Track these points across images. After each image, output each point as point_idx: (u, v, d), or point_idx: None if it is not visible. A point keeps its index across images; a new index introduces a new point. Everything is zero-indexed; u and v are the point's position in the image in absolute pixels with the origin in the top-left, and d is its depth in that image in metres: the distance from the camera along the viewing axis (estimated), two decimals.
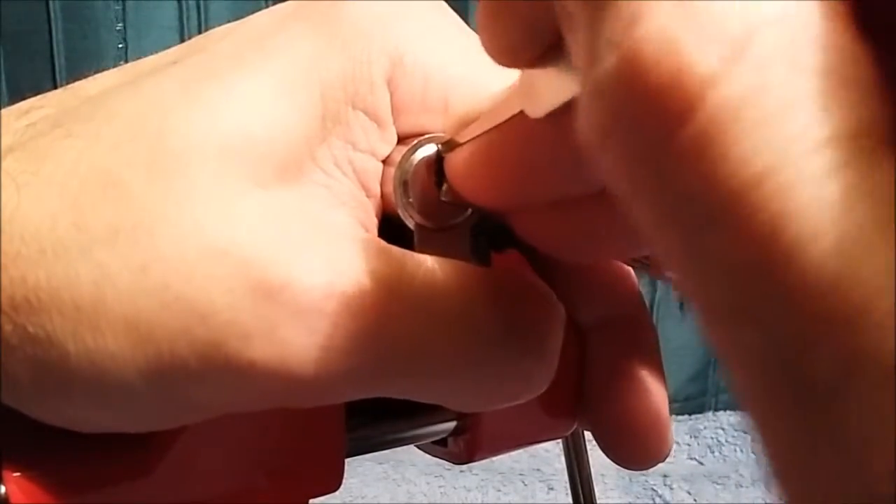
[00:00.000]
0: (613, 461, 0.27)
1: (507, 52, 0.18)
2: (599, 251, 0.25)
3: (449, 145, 0.23)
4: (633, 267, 0.27)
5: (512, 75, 0.20)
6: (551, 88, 0.18)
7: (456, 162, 0.23)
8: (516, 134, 0.21)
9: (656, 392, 0.26)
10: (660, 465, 0.27)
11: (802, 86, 0.11)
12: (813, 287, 0.10)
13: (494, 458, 0.32)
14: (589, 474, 0.34)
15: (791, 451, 0.11)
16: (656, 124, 0.11)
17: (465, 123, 0.23)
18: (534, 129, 0.20)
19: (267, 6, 0.24)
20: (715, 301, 0.12)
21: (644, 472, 1.08)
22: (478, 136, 0.22)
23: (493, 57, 0.18)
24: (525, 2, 0.16)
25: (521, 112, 0.20)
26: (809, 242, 0.10)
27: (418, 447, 0.30)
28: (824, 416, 0.11)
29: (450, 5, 0.25)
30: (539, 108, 0.19)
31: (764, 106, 0.11)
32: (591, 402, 0.27)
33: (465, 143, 0.22)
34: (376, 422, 0.28)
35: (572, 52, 0.14)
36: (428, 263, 0.22)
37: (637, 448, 0.27)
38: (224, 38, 0.23)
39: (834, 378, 0.10)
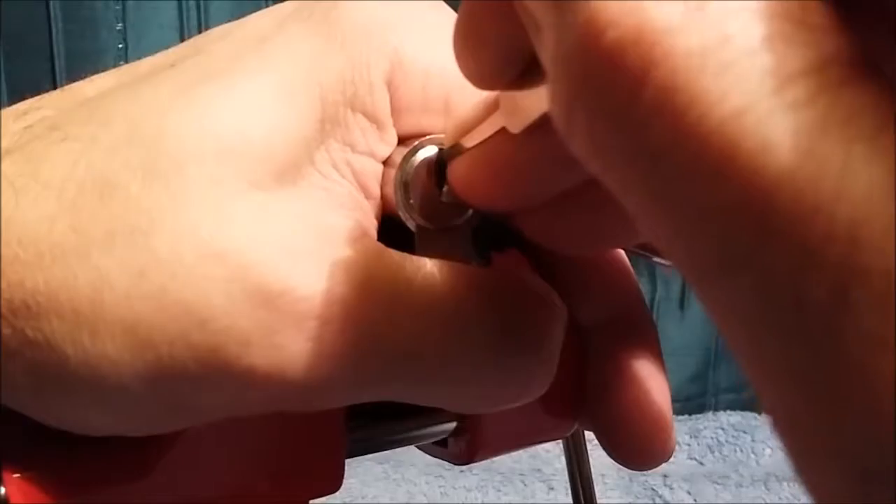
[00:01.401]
0: (617, 462, 0.27)
1: (484, 78, 0.19)
2: (602, 241, 0.25)
3: (452, 150, 0.23)
4: (635, 255, 0.27)
5: None
6: (526, 106, 0.19)
7: (458, 168, 0.23)
8: (505, 143, 0.21)
9: (658, 391, 0.26)
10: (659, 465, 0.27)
11: (764, 30, 0.11)
12: (804, 211, 0.11)
13: (494, 458, 0.32)
14: (589, 474, 0.34)
15: (795, 386, 0.11)
16: (620, 83, 0.12)
17: (465, 129, 0.23)
18: (518, 138, 0.20)
19: (267, 6, 0.24)
20: (703, 256, 0.12)
21: (644, 472, 1.08)
22: (474, 147, 0.22)
23: (472, 83, 0.19)
24: (493, 33, 0.17)
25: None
26: (794, 170, 0.11)
27: (418, 447, 0.30)
28: (826, 337, 0.11)
29: (449, 5, 0.25)
30: (518, 124, 0.20)
31: (729, 50, 0.11)
32: (592, 403, 0.27)
33: (465, 150, 0.23)
34: (376, 422, 0.28)
35: (541, 59, 0.14)
36: (427, 266, 0.22)
37: (640, 448, 0.26)
38: (222, 39, 0.23)
39: (833, 297, 0.11)
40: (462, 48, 0.18)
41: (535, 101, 0.18)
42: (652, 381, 0.26)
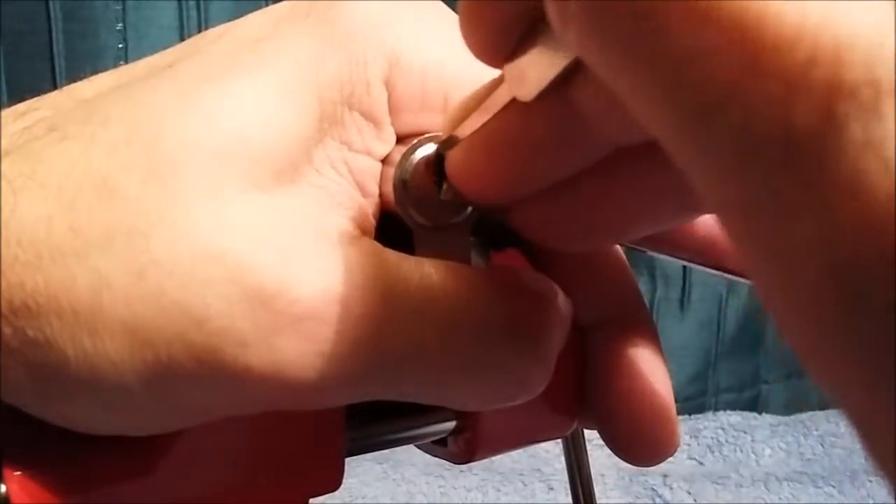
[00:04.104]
0: (621, 457, 0.27)
1: (489, 48, 0.19)
2: (599, 236, 0.25)
3: (448, 143, 0.23)
4: (633, 250, 0.27)
5: None
6: (537, 70, 0.19)
7: (455, 158, 0.23)
8: (511, 120, 0.21)
9: (662, 384, 0.26)
10: (660, 464, 0.27)
11: None
12: (788, 39, 0.11)
13: (494, 458, 0.32)
14: (589, 474, 0.34)
15: (785, 217, 0.11)
16: None
17: (461, 118, 0.23)
18: (527, 112, 0.20)
19: (266, 6, 0.24)
20: (686, 100, 0.12)
21: (644, 471, 1.08)
22: (475, 130, 0.22)
23: (479, 57, 0.19)
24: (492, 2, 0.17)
25: (514, 99, 0.21)
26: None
27: (418, 447, 0.30)
28: (814, 160, 0.11)
29: (448, 5, 0.25)
30: (529, 90, 0.20)
31: None
32: (593, 400, 0.27)
33: (463, 139, 0.23)
34: (376, 421, 0.28)
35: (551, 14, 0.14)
36: (424, 266, 0.22)
37: (645, 441, 0.26)
38: (219, 39, 0.23)
39: (820, 117, 0.11)
40: (467, 22, 0.19)
41: (543, 65, 0.19)
42: (655, 374, 0.26)
